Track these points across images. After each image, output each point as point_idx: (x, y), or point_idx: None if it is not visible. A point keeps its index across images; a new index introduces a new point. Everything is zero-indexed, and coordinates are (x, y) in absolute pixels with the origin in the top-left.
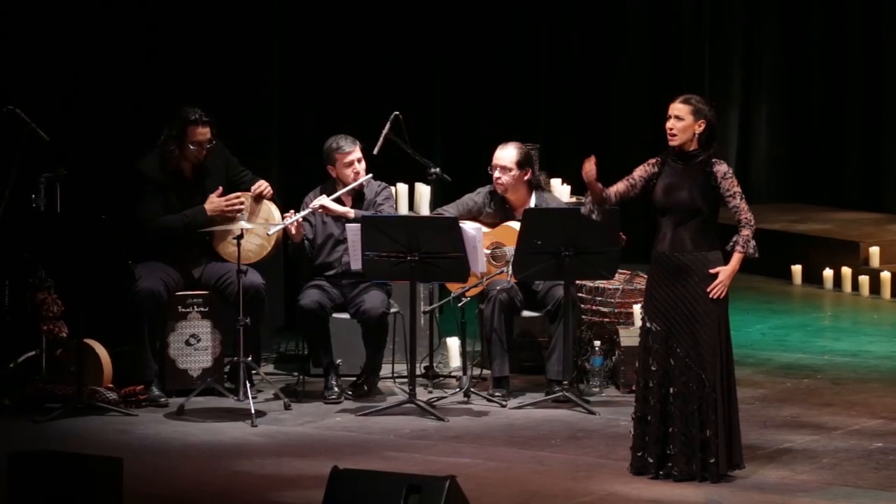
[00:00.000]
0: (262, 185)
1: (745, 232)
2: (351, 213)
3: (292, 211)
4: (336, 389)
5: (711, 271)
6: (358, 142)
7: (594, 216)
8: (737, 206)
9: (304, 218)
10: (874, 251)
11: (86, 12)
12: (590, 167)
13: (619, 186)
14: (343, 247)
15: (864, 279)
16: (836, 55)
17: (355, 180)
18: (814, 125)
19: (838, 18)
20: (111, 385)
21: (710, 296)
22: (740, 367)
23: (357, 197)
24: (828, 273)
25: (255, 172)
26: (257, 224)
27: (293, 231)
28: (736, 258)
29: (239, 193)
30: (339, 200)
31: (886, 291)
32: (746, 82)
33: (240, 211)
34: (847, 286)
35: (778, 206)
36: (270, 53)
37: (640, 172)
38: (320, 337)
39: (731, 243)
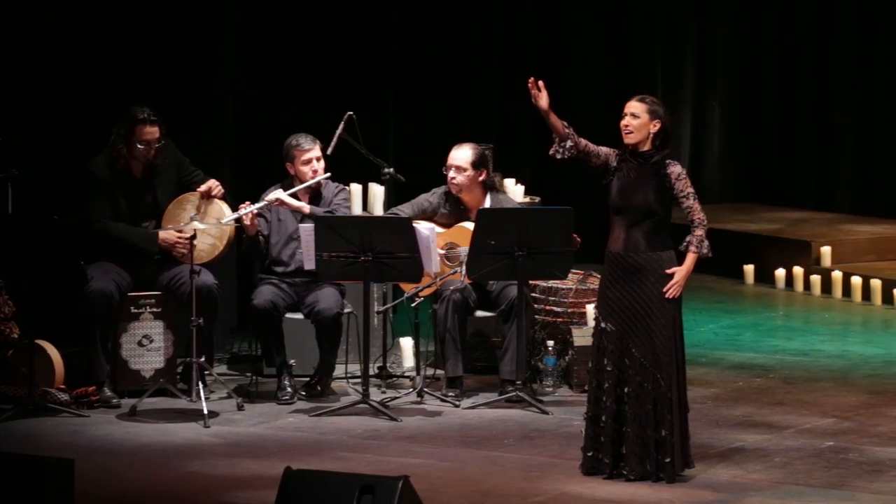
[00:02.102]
0: (212, 184)
1: (699, 232)
2: (306, 208)
3: (248, 202)
4: (289, 390)
5: (667, 271)
6: (318, 141)
7: (559, 156)
8: (690, 206)
9: (260, 213)
10: (826, 251)
11: (36, 12)
12: (539, 94)
13: (584, 141)
14: (296, 244)
15: (815, 279)
16: (788, 55)
17: (313, 178)
18: (766, 125)
19: (790, 18)
20: (63, 386)
21: (666, 296)
22: (693, 367)
23: (314, 196)
24: (780, 273)
25: (208, 173)
26: (210, 224)
27: (247, 223)
28: (690, 258)
29: (189, 193)
30: (295, 197)
31: (838, 291)
32: (699, 82)
33: (185, 253)
34: (799, 286)
35: (730, 206)
36: (223, 53)
37: (605, 149)
38: (273, 336)
39: (685, 243)
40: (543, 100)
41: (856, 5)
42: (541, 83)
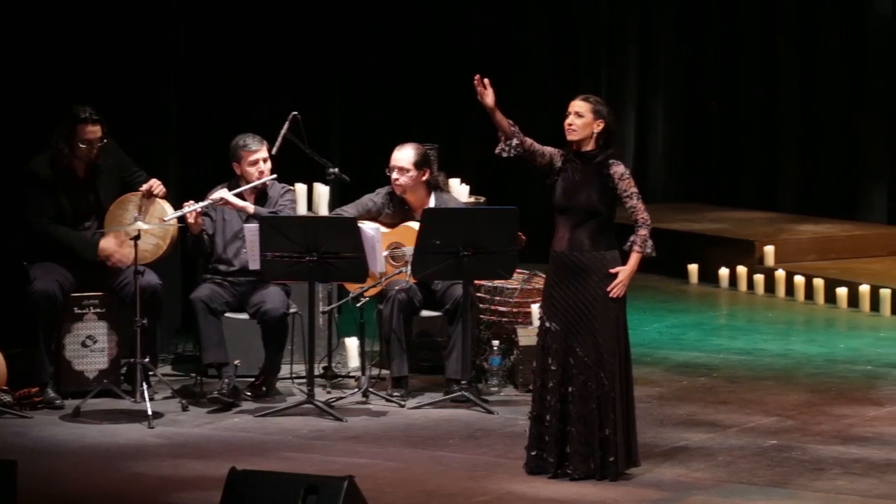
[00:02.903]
0: (154, 184)
1: (643, 232)
2: (251, 208)
3: (192, 201)
4: (226, 385)
5: (611, 271)
6: (265, 142)
7: (504, 154)
8: (634, 206)
9: (205, 212)
10: (769, 250)
11: None
12: (484, 92)
13: (531, 140)
14: (242, 244)
15: (759, 278)
16: (731, 55)
17: (259, 179)
18: (709, 125)
19: (734, 18)
20: (5, 387)
21: (610, 295)
22: (637, 366)
23: (260, 196)
24: (723, 272)
25: (152, 173)
26: (154, 224)
27: (191, 221)
28: (634, 258)
29: (131, 194)
30: (241, 197)
31: (781, 290)
32: (642, 82)
33: (125, 265)
34: (742, 285)
35: (674, 206)
36: (168, 52)
37: (550, 148)
38: (210, 330)
39: (629, 243)
40: (489, 97)
41: (799, 5)
42: (486, 81)
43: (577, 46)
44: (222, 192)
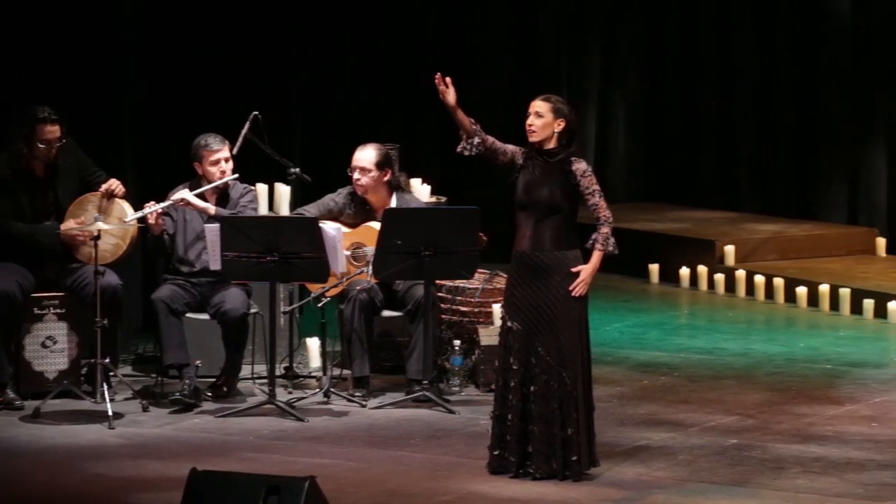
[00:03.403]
0: (113, 184)
1: (605, 230)
2: (211, 209)
3: (153, 202)
4: (187, 386)
5: (573, 270)
6: (227, 142)
7: (466, 153)
8: (596, 203)
9: (166, 212)
10: (729, 250)
11: None
12: (446, 90)
13: (492, 139)
14: (203, 244)
15: (719, 277)
16: (691, 55)
17: (220, 179)
18: (670, 125)
19: (694, 18)
20: None
21: (572, 294)
22: (598, 366)
23: (222, 197)
24: (684, 271)
25: (112, 173)
26: (113, 224)
27: (152, 222)
28: (596, 256)
29: (91, 194)
30: (202, 197)
31: (741, 289)
32: (604, 82)
33: (88, 239)
34: (703, 284)
35: (635, 206)
36: (128, 52)
37: (512, 147)
38: (171, 331)
39: (591, 241)
40: (451, 96)
41: (758, 6)
42: (448, 79)
43: (538, 45)
44: (183, 193)
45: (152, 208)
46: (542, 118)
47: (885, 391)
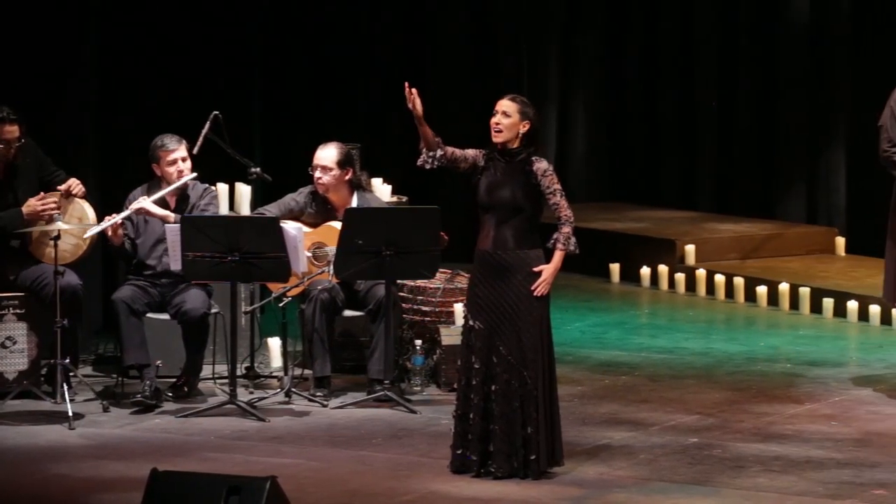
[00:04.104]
0: (73, 183)
1: (566, 229)
2: (171, 216)
3: (114, 214)
4: (148, 388)
5: (535, 269)
6: (184, 141)
7: (427, 166)
8: (557, 202)
9: (125, 218)
10: (690, 249)
11: None
12: (415, 101)
13: (452, 148)
14: (164, 246)
15: (680, 277)
16: (651, 55)
17: (179, 179)
18: (630, 124)
19: (654, 18)
20: None
21: (534, 293)
22: (560, 365)
23: (181, 198)
24: (645, 271)
25: (71, 173)
26: (73, 224)
27: (111, 233)
28: (558, 255)
29: (52, 193)
30: (162, 200)
31: (701, 289)
32: (563, 82)
33: (56, 210)
34: (664, 284)
35: (596, 205)
36: (86, 51)
37: (471, 152)
38: (131, 331)
39: (552, 240)
40: (419, 107)
41: (717, 8)
42: (414, 91)
43: (498, 45)
44: (142, 202)
45: (111, 221)
46: (509, 118)
47: (844, 390)
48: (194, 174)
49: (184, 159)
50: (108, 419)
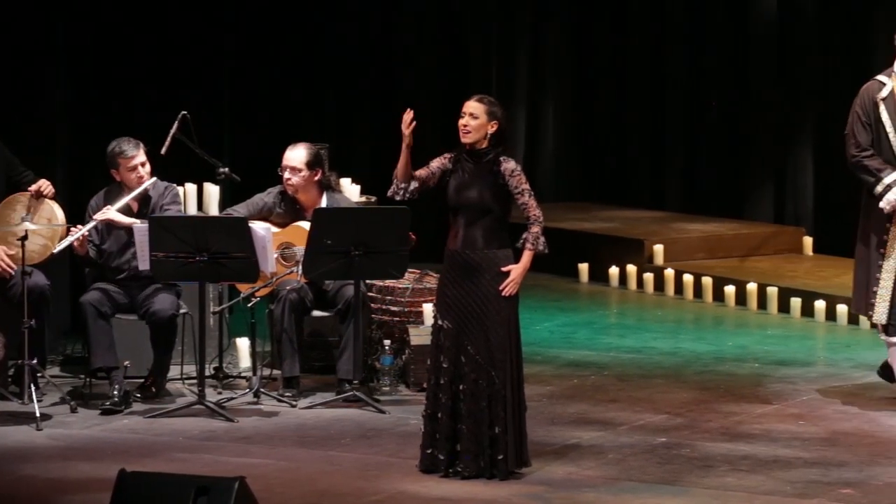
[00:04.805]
0: (43, 184)
1: (535, 229)
2: (137, 222)
3: (78, 227)
4: (116, 395)
5: (503, 269)
6: (142, 144)
7: (398, 197)
8: (525, 202)
9: (91, 228)
10: (658, 249)
11: None
12: (410, 129)
13: (421, 172)
14: (132, 251)
15: (648, 276)
16: (620, 55)
17: (140, 184)
18: (599, 124)
19: (623, 18)
20: None
21: (503, 293)
22: (529, 365)
23: (144, 201)
24: (613, 271)
25: (39, 173)
26: (42, 225)
27: (76, 245)
28: (527, 255)
29: (19, 194)
30: (125, 209)
31: (670, 289)
32: (532, 81)
33: (10, 272)
34: (632, 284)
35: (564, 205)
36: (55, 51)
37: (437, 164)
38: (99, 334)
39: (521, 240)
40: (411, 136)
41: (686, 6)
42: (412, 118)
43: (467, 44)
44: (107, 213)
45: (77, 234)
46: (476, 119)
47: (812, 389)
48: (153, 178)
49: (143, 164)
50: (76, 420)
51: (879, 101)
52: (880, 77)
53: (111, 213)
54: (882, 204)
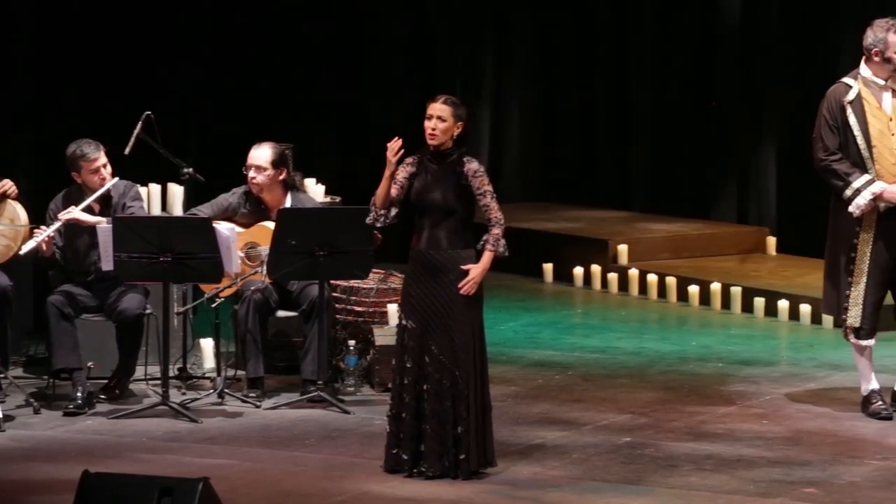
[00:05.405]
0: (6, 185)
1: (496, 231)
2: (103, 221)
3: (42, 227)
4: (80, 397)
5: (463, 268)
6: (102, 146)
7: (379, 224)
8: (487, 204)
9: (56, 230)
10: (622, 249)
11: None
12: (395, 156)
13: (393, 193)
14: (97, 252)
15: (612, 276)
16: (585, 56)
17: (102, 185)
18: (564, 124)
19: (588, 18)
20: None
21: (461, 292)
22: (493, 365)
23: (105, 200)
24: (578, 271)
25: (3, 174)
26: (5, 225)
27: (44, 247)
28: (487, 256)
29: None
30: (88, 206)
31: (634, 288)
32: (497, 82)
33: None
34: (597, 284)
35: (529, 205)
36: (20, 49)
37: (402, 175)
38: (62, 335)
39: (482, 242)
40: (395, 165)
41: (651, 7)
42: (399, 146)
43: (434, 46)
44: (72, 212)
45: (42, 235)
46: (444, 122)
47: (775, 389)
48: (115, 179)
49: (105, 165)
50: (39, 421)
51: (846, 104)
52: (846, 80)
53: (77, 212)
54: (851, 208)
